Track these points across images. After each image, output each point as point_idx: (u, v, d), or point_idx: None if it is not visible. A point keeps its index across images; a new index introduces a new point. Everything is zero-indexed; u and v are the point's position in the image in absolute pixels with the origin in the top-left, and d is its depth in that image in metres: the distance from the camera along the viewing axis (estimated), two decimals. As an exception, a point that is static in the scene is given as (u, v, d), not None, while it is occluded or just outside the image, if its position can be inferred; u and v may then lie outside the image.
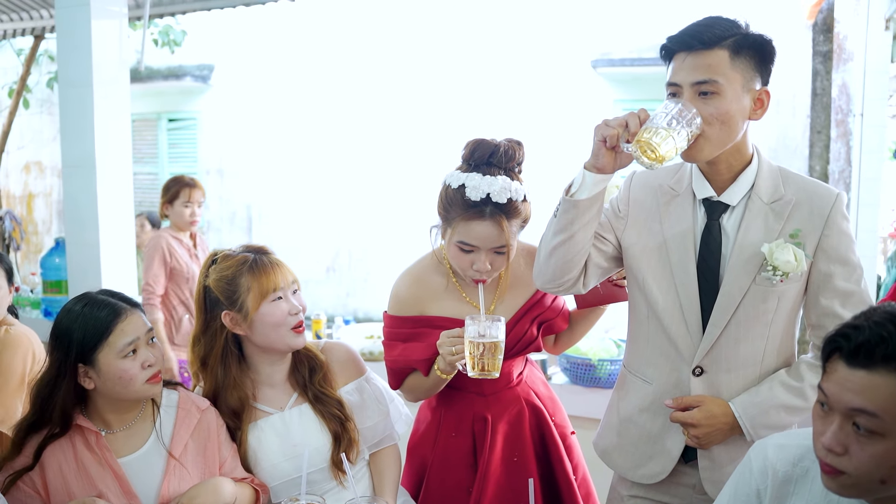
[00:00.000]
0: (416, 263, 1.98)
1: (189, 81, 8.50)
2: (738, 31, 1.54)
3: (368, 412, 1.93)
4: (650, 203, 1.71)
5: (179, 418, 1.77)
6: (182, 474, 1.72)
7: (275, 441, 1.83)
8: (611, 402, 1.86)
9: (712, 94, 1.51)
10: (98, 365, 1.64)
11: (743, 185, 1.62)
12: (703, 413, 1.61)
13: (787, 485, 1.31)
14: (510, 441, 1.89)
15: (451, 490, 1.91)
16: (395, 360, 1.90)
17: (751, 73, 1.54)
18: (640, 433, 1.74)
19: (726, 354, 1.63)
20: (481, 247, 1.77)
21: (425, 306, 1.90)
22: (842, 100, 5.58)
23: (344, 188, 7.91)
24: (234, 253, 1.85)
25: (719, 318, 1.61)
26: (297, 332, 1.83)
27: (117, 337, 1.65)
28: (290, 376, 1.90)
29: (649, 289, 1.68)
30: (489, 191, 1.75)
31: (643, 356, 1.73)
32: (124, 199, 4.14)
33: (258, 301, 1.78)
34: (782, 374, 1.64)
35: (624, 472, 1.78)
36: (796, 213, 1.60)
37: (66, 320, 1.66)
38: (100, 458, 1.67)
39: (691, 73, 1.52)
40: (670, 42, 1.57)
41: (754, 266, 1.58)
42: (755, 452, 1.37)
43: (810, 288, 1.63)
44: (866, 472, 1.11)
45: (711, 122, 1.51)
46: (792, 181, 1.63)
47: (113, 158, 4.06)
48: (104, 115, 4.01)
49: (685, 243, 1.64)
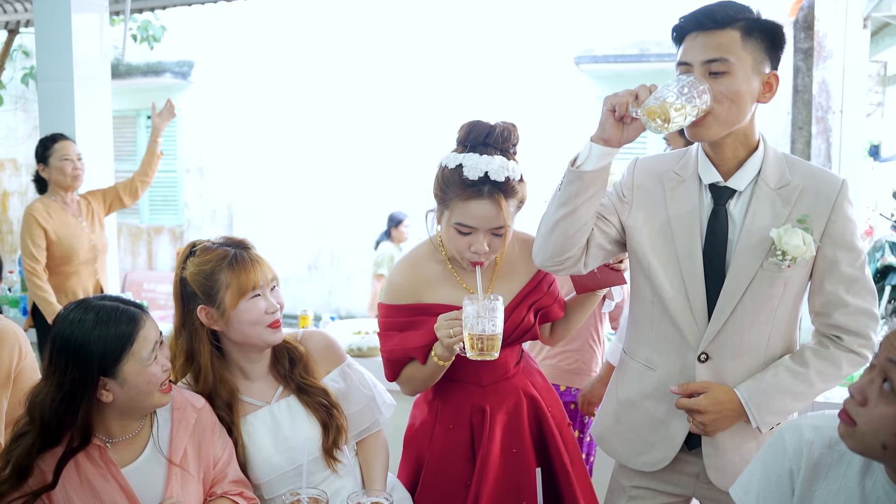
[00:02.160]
0: (412, 252, 1.96)
1: (169, 78, 8.43)
2: (749, 14, 1.56)
3: (353, 398, 1.92)
4: (655, 188, 1.70)
5: (175, 420, 1.71)
6: (184, 477, 1.68)
7: (266, 435, 1.81)
8: (609, 387, 1.85)
9: (723, 73, 1.52)
10: (122, 375, 1.56)
11: (749, 170, 1.62)
12: (710, 399, 1.61)
13: (820, 467, 1.30)
14: (509, 432, 1.88)
15: (450, 484, 1.89)
16: (391, 350, 1.88)
17: (761, 55, 1.55)
18: (641, 419, 1.73)
19: (732, 340, 1.63)
20: (479, 227, 1.76)
21: (422, 294, 1.88)
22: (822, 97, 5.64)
23: (326, 186, 7.87)
24: (212, 246, 1.81)
25: (726, 304, 1.61)
26: (274, 328, 1.80)
27: (141, 346, 1.58)
28: (271, 369, 1.88)
29: (654, 275, 1.68)
30: (487, 169, 1.74)
31: (647, 342, 1.73)
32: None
33: (236, 299, 1.75)
34: (787, 361, 1.64)
35: (624, 460, 1.78)
36: (803, 199, 1.59)
37: (80, 333, 1.55)
38: (104, 471, 1.60)
39: (703, 51, 1.53)
40: (683, 21, 1.57)
41: (762, 251, 1.58)
42: (789, 432, 1.35)
43: (816, 274, 1.63)
44: (872, 430, 1.13)
45: (721, 101, 1.52)
46: (798, 168, 1.63)
47: (94, 154, 4.00)
48: (85, 110, 3.96)
49: (691, 229, 1.64)
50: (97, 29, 4.07)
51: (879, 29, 6.34)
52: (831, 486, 1.28)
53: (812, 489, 1.30)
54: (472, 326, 1.66)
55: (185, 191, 8.87)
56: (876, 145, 7.37)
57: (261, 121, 8.09)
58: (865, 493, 1.24)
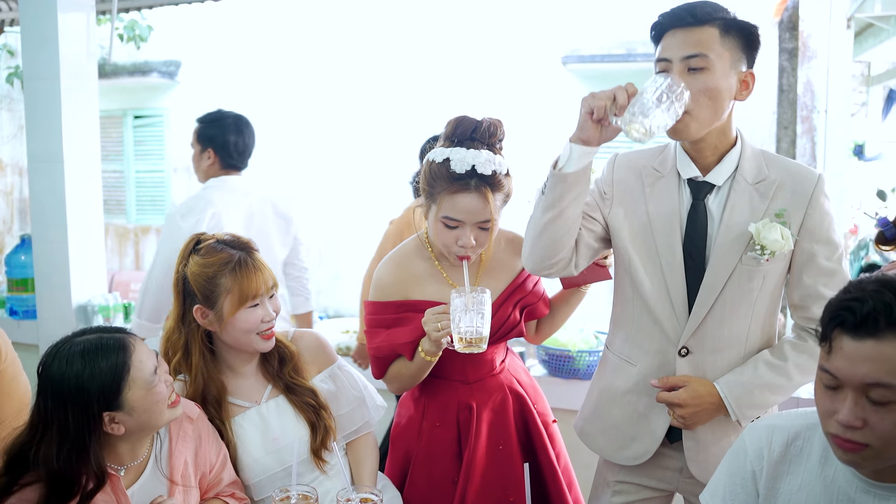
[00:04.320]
0: (399, 249, 1.97)
1: (155, 78, 8.39)
2: (727, 14, 1.59)
3: (343, 400, 1.92)
4: (634, 184, 1.72)
5: (173, 436, 1.69)
6: (185, 490, 1.68)
7: (255, 436, 1.82)
8: (592, 383, 1.87)
9: (702, 69, 1.54)
10: (128, 404, 1.52)
11: (728, 165, 1.64)
12: (689, 393, 1.63)
13: (781, 465, 1.33)
14: (495, 429, 1.90)
15: (437, 482, 1.90)
16: (378, 348, 1.89)
17: (738, 53, 1.58)
18: (623, 414, 1.75)
19: (712, 334, 1.65)
20: (466, 221, 1.78)
21: (408, 291, 1.90)
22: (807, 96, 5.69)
23: (313, 185, 7.86)
24: (217, 247, 1.79)
25: (706, 298, 1.63)
26: (265, 337, 1.80)
27: (138, 371, 1.54)
28: (260, 368, 1.88)
29: (635, 270, 1.70)
30: (474, 162, 1.76)
31: (628, 338, 1.75)
32: (93, 196, 4.06)
33: (235, 307, 1.75)
34: (766, 354, 1.67)
35: (606, 455, 1.80)
36: (780, 194, 1.62)
37: (71, 374, 1.48)
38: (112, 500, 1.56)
39: (682, 47, 1.56)
40: (663, 18, 1.60)
41: (741, 245, 1.61)
42: (749, 434, 1.39)
43: (794, 267, 1.66)
44: (889, 440, 1.12)
45: (699, 98, 1.54)
46: (775, 163, 1.66)
47: (81, 154, 3.98)
48: (71, 109, 3.94)
49: (671, 224, 1.66)
50: (84, 28, 4.04)
51: (863, 29, 6.39)
52: (794, 481, 1.31)
53: (776, 487, 1.32)
54: (461, 319, 1.68)
55: (172, 191, 8.83)
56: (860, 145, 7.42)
57: (248, 120, 8.06)
58: (827, 483, 1.27)
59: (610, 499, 1.81)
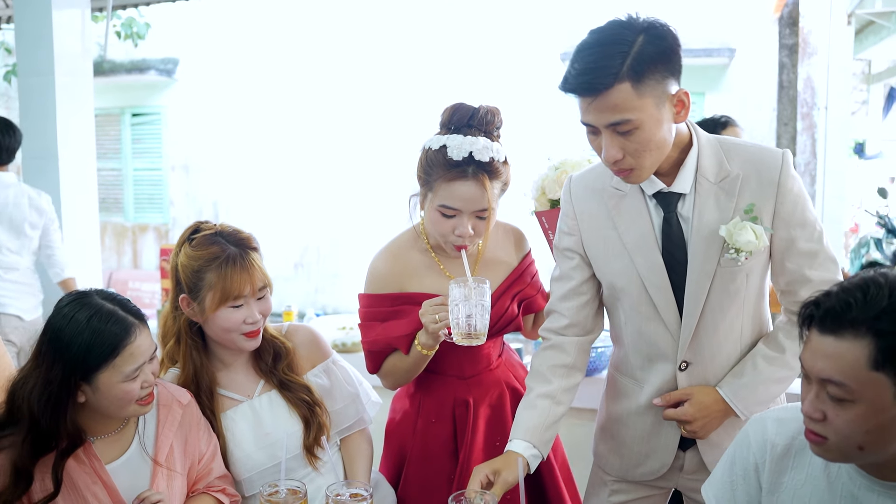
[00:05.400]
0: (394, 241, 1.94)
1: (153, 75, 8.38)
2: (629, 50, 1.41)
3: (337, 395, 1.89)
4: (597, 209, 1.64)
5: (161, 418, 1.67)
6: (169, 475, 1.65)
7: (247, 430, 1.79)
8: (601, 405, 1.83)
9: (630, 130, 1.43)
10: (96, 383, 1.51)
11: (689, 169, 1.56)
12: (695, 407, 1.59)
13: (785, 458, 1.31)
14: (492, 425, 1.87)
15: (433, 480, 1.87)
16: (373, 342, 1.86)
17: (661, 87, 1.43)
18: (633, 434, 1.71)
19: (707, 342, 1.61)
20: (463, 210, 1.74)
21: (405, 283, 1.86)
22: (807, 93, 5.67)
23: (312, 184, 7.84)
24: (211, 239, 1.75)
25: (693, 308, 1.58)
26: (249, 335, 1.77)
27: (124, 361, 1.50)
28: (252, 363, 1.85)
29: (622, 297, 1.64)
30: (472, 149, 1.72)
31: (628, 360, 1.70)
32: (88, 193, 4.05)
33: (216, 304, 1.71)
34: (763, 349, 1.62)
35: (623, 474, 1.75)
36: (746, 188, 1.54)
37: (69, 331, 1.49)
38: (87, 468, 1.55)
39: (599, 116, 1.44)
40: (564, 85, 1.46)
41: (716, 249, 1.54)
42: (753, 427, 1.37)
43: (775, 255, 1.59)
44: (844, 437, 1.13)
45: (639, 154, 1.45)
46: (735, 153, 1.57)
47: (76, 151, 3.97)
48: (67, 106, 3.92)
49: (647, 243, 1.59)
50: (79, 25, 4.03)
51: (864, 27, 6.38)
52: (797, 476, 1.29)
53: (780, 481, 1.31)
54: (460, 310, 1.64)
55: (170, 189, 8.82)
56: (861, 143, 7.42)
57: (246, 118, 8.05)
58: (831, 479, 1.25)
59: (608, 498, 1.78)
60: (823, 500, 1.26)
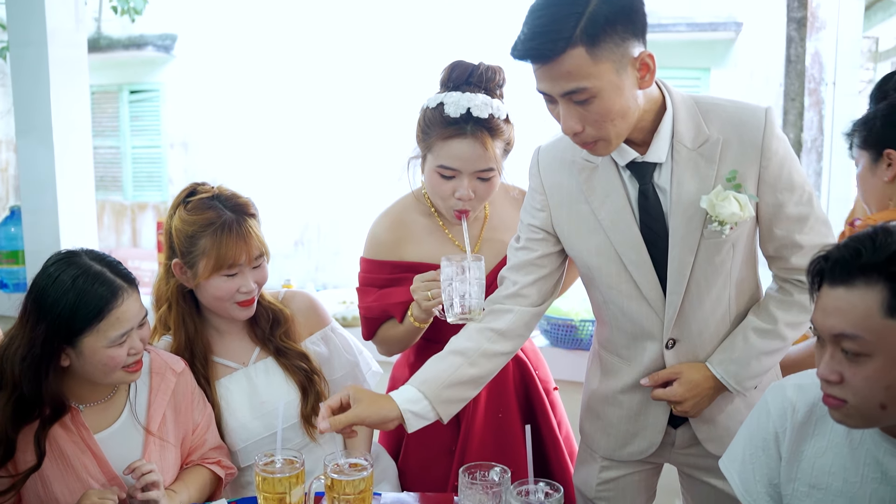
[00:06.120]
0: (395, 204, 1.87)
1: (151, 51, 8.29)
2: (583, 10, 1.27)
3: (336, 363, 1.84)
4: (568, 182, 1.53)
5: (154, 386, 1.62)
6: (162, 445, 1.61)
7: (241, 399, 1.74)
8: (585, 381, 1.76)
9: (588, 99, 1.32)
10: (80, 348, 1.46)
11: (664, 136, 1.44)
12: (685, 386, 1.51)
13: (806, 426, 1.27)
14: (494, 397, 1.81)
15: (433, 451, 1.82)
16: (369, 308, 1.80)
17: (620, 50, 1.31)
18: (619, 413, 1.64)
19: (694, 317, 1.52)
20: (463, 170, 1.67)
21: (406, 250, 1.79)
22: (815, 68, 5.58)
23: (313, 161, 7.77)
24: (207, 203, 1.69)
25: (677, 285, 1.48)
26: (243, 305, 1.70)
27: (110, 326, 1.46)
28: (248, 330, 1.80)
29: (599, 276, 1.55)
30: (469, 105, 1.65)
31: (611, 339, 1.62)
32: (84, 167, 3.98)
33: (209, 272, 1.65)
34: (753, 320, 1.54)
35: (609, 453, 1.68)
36: (727, 153, 1.43)
37: (54, 291, 1.44)
38: (75, 436, 1.51)
39: (553, 85, 1.32)
40: (514, 51, 1.34)
41: (698, 221, 1.44)
42: (772, 395, 1.32)
43: (762, 222, 1.50)
44: (864, 397, 1.10)
45: (601, 123, 1.34)
46: (714, 115, 1.45)
47: (71, 125, 3.90)
48: (60, 79, 3.85)
49: (623, 219, 1.48)
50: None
51: (873, 3, 6.28)
52: (819, 443, 1.25)
53: (800, 450, 1.27)
54: (454, 289, 1.55)
55: (169, 167, 8.74)
56: (866, 122, 7.33)
57: (246, 95, 7.96)
58: (853, 446, 1.21)
59: (598, 474, 1.71)
60: (846, 467, 1.21)
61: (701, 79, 7.14)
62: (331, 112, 7.68)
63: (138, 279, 1.57)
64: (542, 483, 1.37)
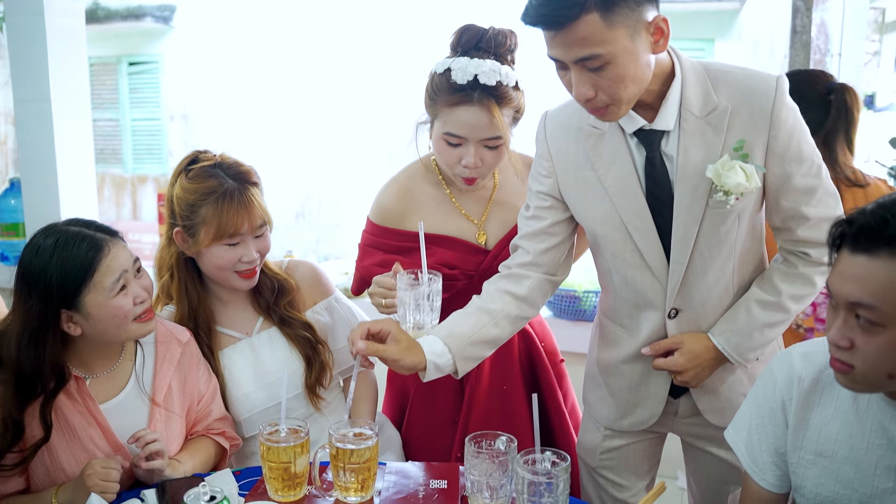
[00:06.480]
0: (403, 172, 1.85)
1: (150, 22, 8.21)
2: None
3: (340, 333, 1.83)
4: (574, 149, 1.53)
5: (160, 356, 1.63)
6: (167, 415, 1.61)
7: (245, 369, 1.73)
8: (590, 351, 1.76)
9: (601, 66, 1.30)
10: (85, 308, 1.46)
11: (672, 103, 1.42)
12: (686, 356, 1.51)
13: (813, 394, 1.26)
14: (498, 368, 1.81)
15: (436, 422, 1.82)
16: (368, 269, 1.77)
17: (635, 15, 1.29)
18: (620, 383, 1.64)
19: (697, 287, 1.51)
20: (469, 137, 1.65)
21: (413, 220, 1.76)
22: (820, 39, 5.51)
23: (314, 132, 7.73)
24: (208, 171, 1.67)
25: (681, 254, 1.47)
26: (244, 276, 1.69)
27: (103, 276, 1.46)
28: (251, 299, 1.79)
29: (604, 244, 1.55)
30: (476, 72, 1.62)
31: (615, 307, 1.62)
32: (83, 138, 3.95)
33: (210, 240, 1.64)
34: (757, 292, 1.53)
35: (610, 423, 1.68)
36: (735, 122, 1.41)
37: (38, 261, 1.44)
38: (81, 407, 1.52)
39: (566, 51, 1.31)
40: (525, 16, 1.32)
41: (703, 191, 1.43)
42: (778, 363, 1.31)
43: (769, 192, 1.48)
44: (873, 365, 1.09)
45: (613, 88, 1.32)
46: (723, 83, 1.43)
47: (69, 95, 3.86)
48: (58, 48, 3.81)
49: (629, 186, 1.47)
50: (69, -38, 3.89)
51: (880, -28, 6.20)
52: (825, 412, 1.25)
53: (806, 418, 1.26)
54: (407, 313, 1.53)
55: (169, 139, 8.70)
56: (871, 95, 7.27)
57: (246, 66, 7.89)
58: (860, 413, 1.21)
59: (601, 443, 1.71)
60: (852, 434, 1.21)
61: (705, 50, 7.07)
62: (332, 83, 7.61)
63: (140, 251, 1.57)
64: (549, 452, 1.38)
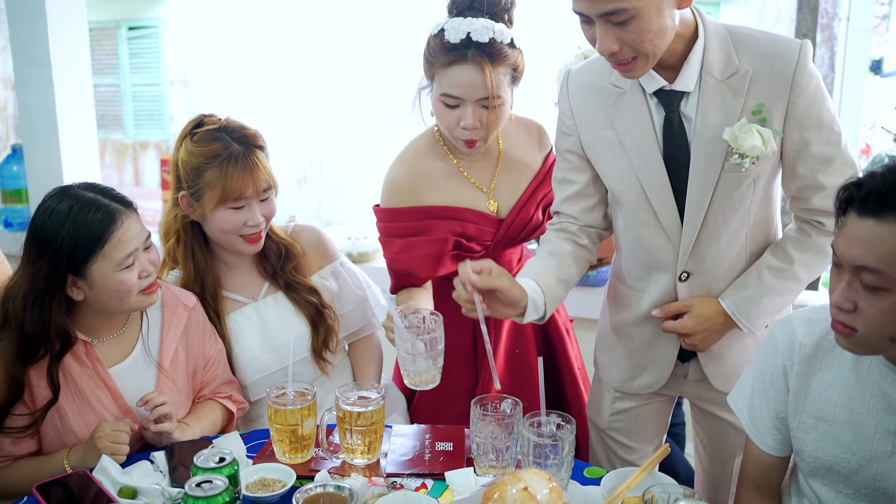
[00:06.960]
0: (408, 148, 1.82)
1: (149, -14, 8.11)
2: None
3: (345, 298, 1.84)
4: (595, 107, 1.53)
5: (166, 321, 1.63)
6: (174, 380, 1.62)
7: (252, 333, 1.74)
8: (601, 314, 1.77)
9: (626, 20, 1.29)
10: (90, 277, 1.46)
11: (693, 64, 1.42)
12: (695, 319, 1.52)
13: (814, 359, 1.27)
14: (511, 333, 1.81)
15: (453, 389, 1.79)
16: (395, 259, 1.75)
17: None
18: (630, 345, 1.65)
19: (709, 251, 1.51)
20: (466, 98, 1.63)
21: (423, 195, 1.75)
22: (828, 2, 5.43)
23: (315, 98, 7.68)
24: (213, 135, 1.66)
25: (694, 217, 1.48)
26: (249, 240, 1.70)
27: (113, 248, 1.46)
28: (257, 264, 1.79)
29: (621, 201, 1.55)
30: (469, 30, 1.61)
31: (627, 268, 1.63)
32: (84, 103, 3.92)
33: (215, 203, 1.64)
34: (769, 259, 1.53)
35: (619, 385, 1.70)
36: (756, 86, 1.41)
37: (51, 224, 1.44)
38: (90, 370, 1.53)
39: (592, 5, 1.30)
40: None
41: (720, 154, 1.43)
42: (780, 329, 1.32)
43: (786, 158, 1.47)
44: (875, 329, 1.10)
45: (638, 44, 1.32)
46: (746, 46, 1.42)
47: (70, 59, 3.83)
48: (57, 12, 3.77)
49: (648, 145, 1.47)
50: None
51: (890, -67, 6.08)
52: (826, 376, 1.26)
53: (808, 382, 1.28)
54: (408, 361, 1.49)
55: (170, 104, 8.65)
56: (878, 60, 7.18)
57: (247, 31, 7.82)
58: (861, 377, 1.22)
59: (611, 405, 1.73)
60: (853, 398, 1.23)
61: (711, 14, 6.97)
62: (333, 49, 7.55)
63: (142, 217, 1.57)
64: (555, 415, 1.38)
